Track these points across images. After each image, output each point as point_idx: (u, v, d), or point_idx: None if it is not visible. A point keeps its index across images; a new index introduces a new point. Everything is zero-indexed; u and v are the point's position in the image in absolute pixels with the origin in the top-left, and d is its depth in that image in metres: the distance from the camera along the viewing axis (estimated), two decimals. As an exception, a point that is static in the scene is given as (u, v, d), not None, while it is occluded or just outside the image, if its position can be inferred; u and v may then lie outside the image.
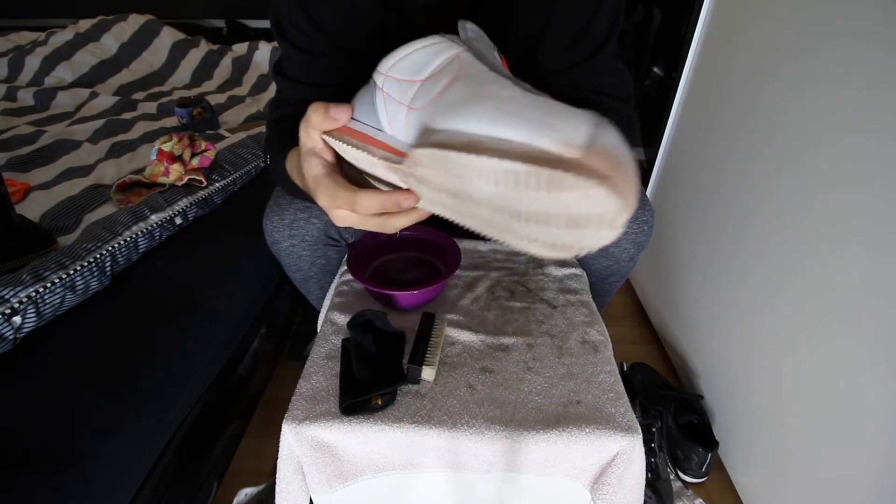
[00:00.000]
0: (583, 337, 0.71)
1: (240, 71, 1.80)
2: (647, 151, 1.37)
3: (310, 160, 0.40)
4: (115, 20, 1.85)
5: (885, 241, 0.61)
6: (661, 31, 1.42)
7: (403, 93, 0.36)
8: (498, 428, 0.58)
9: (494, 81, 0.32)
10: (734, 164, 0.93)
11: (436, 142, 0.30)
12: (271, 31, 0.63)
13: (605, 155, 0.24)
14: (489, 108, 0.28)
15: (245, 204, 1.06)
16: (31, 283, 0.68)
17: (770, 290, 0.82)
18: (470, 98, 0.30)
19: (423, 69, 0.36)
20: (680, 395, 1.03)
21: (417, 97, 0.35)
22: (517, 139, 0.25)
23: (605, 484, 0.59)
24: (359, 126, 0.38)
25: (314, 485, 0.61)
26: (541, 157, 0.24)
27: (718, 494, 0.94)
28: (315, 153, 0.39)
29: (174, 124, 1.34)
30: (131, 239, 0.82)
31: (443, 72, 0.35)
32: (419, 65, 0.36)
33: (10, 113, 1.42)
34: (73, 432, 0.61)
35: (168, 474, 0.73)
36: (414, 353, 0.64)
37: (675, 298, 1.18)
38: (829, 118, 0.70)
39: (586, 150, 0.24)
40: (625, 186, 0.24)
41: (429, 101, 0.34)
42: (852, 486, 0.66)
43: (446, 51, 0.36)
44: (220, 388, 0.87)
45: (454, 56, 0.36)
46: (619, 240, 0.74)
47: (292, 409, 0.60)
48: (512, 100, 0.28)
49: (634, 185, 0.25)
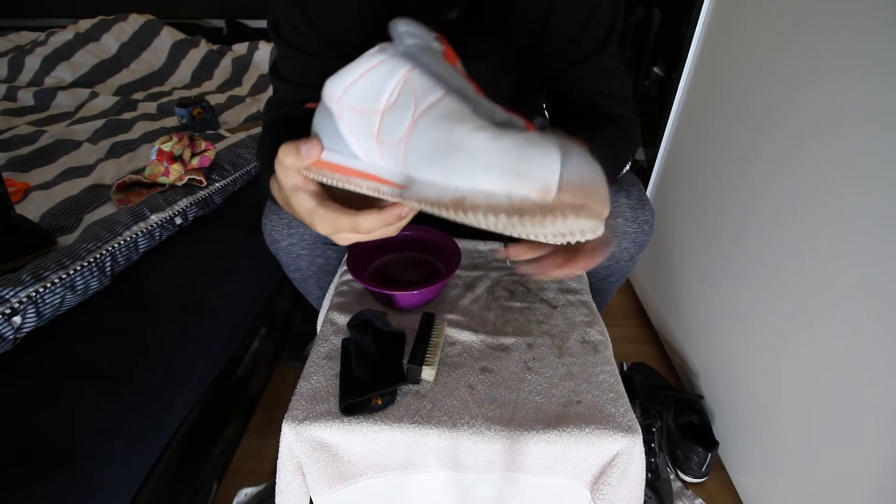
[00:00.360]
0: (583, 337, 0.71)
1: (240, 71, 1.80)
2: (647, 151, 1.37)
3: (297, 196, 0.39)
4: (115, 20, 1.85)
5: (884, 241, 0.61)
6: (661, 31, 1.42)
7: (367, 123, 0.36)
8: (498, 428, 0.58)
9: (457, 122, 0.32)
10: (734, 164, 0.93)
11: (423, 198, 0.32)
12: (268, 31, 0.63)
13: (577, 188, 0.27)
14: (464, 163, 0.30)
15: (245, 204, 1.06)
16: (31, 283, 0.68)
17: (770, 289, 0.82)
18: (441, 149, 0.31)
19: (377, 98, 0.36)
20: (680, 395, 1.03)
21: (383, 130, 0.35)
22: (498, 190, 0.28)
23: (605, 484, 0.59)
24: (333, 157, 0.38)
25: (314, 485, 0.61)
26: (523, 207, 0.28)
27: (718, 494, 0.94)
28: (298, 188, 0.39)
29: (174, 124, 1.34)
30: (131, 239, 0.82)
31: (399, 102, 0.35)
32: (371, 93, 0.36)
33: (10, 113, 1.42)
34: (73, 432, 0.61)
35: (168, 474, 0.73)
36: (414, 353, 0.64)
37: (675, 298, 1.18)
38: (829, 118, 0.70)
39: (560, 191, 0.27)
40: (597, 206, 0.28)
41: (399, 140, 0.34)
42: (852, 486, 0.66)
43: (393, 73, 0.35)
44: (220, 388, 0.87)
45: (403, 80, 0.35)
46: (619, 240, 0.74)
47: (292, 409, 0.60)
48: (482, 149, 0.29)
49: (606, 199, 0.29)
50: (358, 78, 0.36)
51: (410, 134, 0.34)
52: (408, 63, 0.35)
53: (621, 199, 0.72)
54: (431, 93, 0.34)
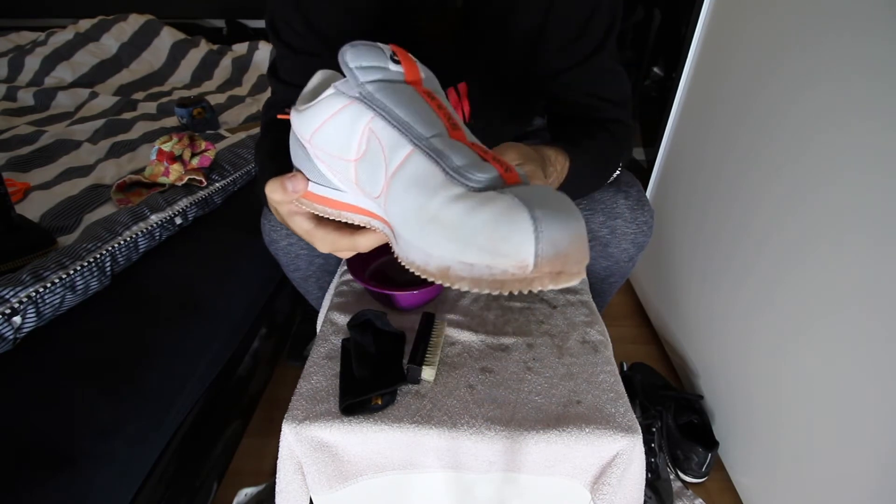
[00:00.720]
0: (583, 337, 0.71)
1: (240, 71, 1.80)
2: (647, 151, 1.37)
3: (293, 220, 0.40)
4: (115, 20, 1.85)
5: (884, 241, 0.61)
6: (661, 31, 1.42)
7: (344, 170, 0.37)
8: (498, 428, 0.58)
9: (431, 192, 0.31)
10: (734, 164, 0.93)
11: (411, 262, 0.33)
12: (266, 31, 0.63)
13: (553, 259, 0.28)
14: (444, 237, 0.30)
15: (245, 204, 1.06)
16: (31, 283, 0.68)
17: (770, 289, 0.82)
18: (420, 220, 0.32)
19: (346, 148, 0.35)
20: (680, 395, 1.03)
21: (361, 181, 0.36)
22: (478, 262, 0.29)
23: (605, 484, 0.59)
24: (320, 190, 0.39)
25: (314, 485, 0.61)
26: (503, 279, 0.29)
27: (718, 494, 0.94)
28: (294, 213, 0.40)
29: (174, 124, 1.34)
30: (131, 239, 0.82)
31: (369, 155, 0.35)
32: (340, 142, 0.35)
33: (10, 113, 1.42)
34: (73, 432, 0.61)
35: (168, 474, 0.73)
36: (414, 353, 0.64)
37: (675, 298, 1.18)
38: (830, 117, 0.70)
39: (536, 265, 0.28)
40: (574, 266, 0.29)
41: (379, 196, 0.35)
42: (852, 486, 0.66)
43: (356, 123, 0.34)
44: (220, 388, 0.87)
45: (367, 130, 0.34)
46: (618, 240, 0.74)
47: (292, 409, 0.60)
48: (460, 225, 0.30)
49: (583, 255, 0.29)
50: (323, 123, 0.36)
51: (388, 193, 0.34)
52: (368, 111, 0.34)
53: (620, 200, 0.72)
54: (398, 149, 0.33)
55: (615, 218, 0.72)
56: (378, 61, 0.35)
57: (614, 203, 0.72)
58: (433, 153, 0.33)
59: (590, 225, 0.73)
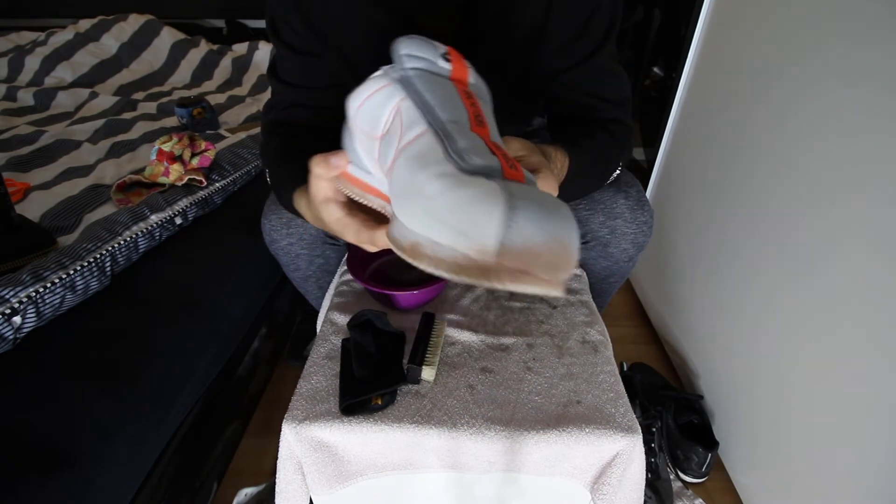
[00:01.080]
0: (583, 337, 0.71)
1: (240, 71, 1.80)
2: (647, 151, 1.37)
3: (327, 207, 0.43)
4: (115, 20, 1.85)
5: (888, 243, 0.61)
6: (661, 31, 1.42)
7: (370, 147, 0.38)
8: (498, 428, 0.58)
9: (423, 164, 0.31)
10: (734, 164, 0.93)
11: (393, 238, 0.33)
12: (266, 31, 0.63)
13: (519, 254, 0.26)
14: (420, 211, 0.30)
15: (245, 204, 1.06)
16: (31, 283, 0.68)
17: (771, 290, 0.82)
18: (407, 191, 0.32)
19: (376, 124, 0.37)
20: (680, 395, 1.03)
21: (380, 157, 0.37)
22: (444, 242, 0.28)
23: (605, 484, 0.59)
24: (354, 171, 0.41)
25: (314, 485, 0.61)
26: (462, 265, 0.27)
27: (718, 494, 0.94)
28: (329, 199, 0.42)
29: (174, 124, 1.34)
30: (131, 239, 0.82)
31: (390, 132, 0.36)
32: (373, 119, 0.37)
33: (10, 113, 1.42)
34: (73, 432, 0.61)
35: (168, 474, 0.73)
36: (414, 353, 0.64)
37: (676, 298, 1.18)
38: (831, 117, 0.70)
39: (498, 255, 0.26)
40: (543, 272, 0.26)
41: (387, 171, 0.36)
42: (852, 486, 0.66)
43: (388, 101, 0.36)
44: (220, 388, 0.87)
45: (395, 109, 0.36)
46: (618, 241, 0.74)
47: (292, 409, 0.60)
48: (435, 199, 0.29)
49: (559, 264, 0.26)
50: (365, 100, 0.38)
51: (393, 168, 0.34)
52: (402, 92, 0.36)
53: (620, 200, 0.72)
54: (414, 127, 0.34)
55: (615, 218, 0.72)
56: (427, 54, 0.37)
57: (614, 203, 0.72)
58: (443, 134, 0.33)
59: (590, 225, 0.73)
